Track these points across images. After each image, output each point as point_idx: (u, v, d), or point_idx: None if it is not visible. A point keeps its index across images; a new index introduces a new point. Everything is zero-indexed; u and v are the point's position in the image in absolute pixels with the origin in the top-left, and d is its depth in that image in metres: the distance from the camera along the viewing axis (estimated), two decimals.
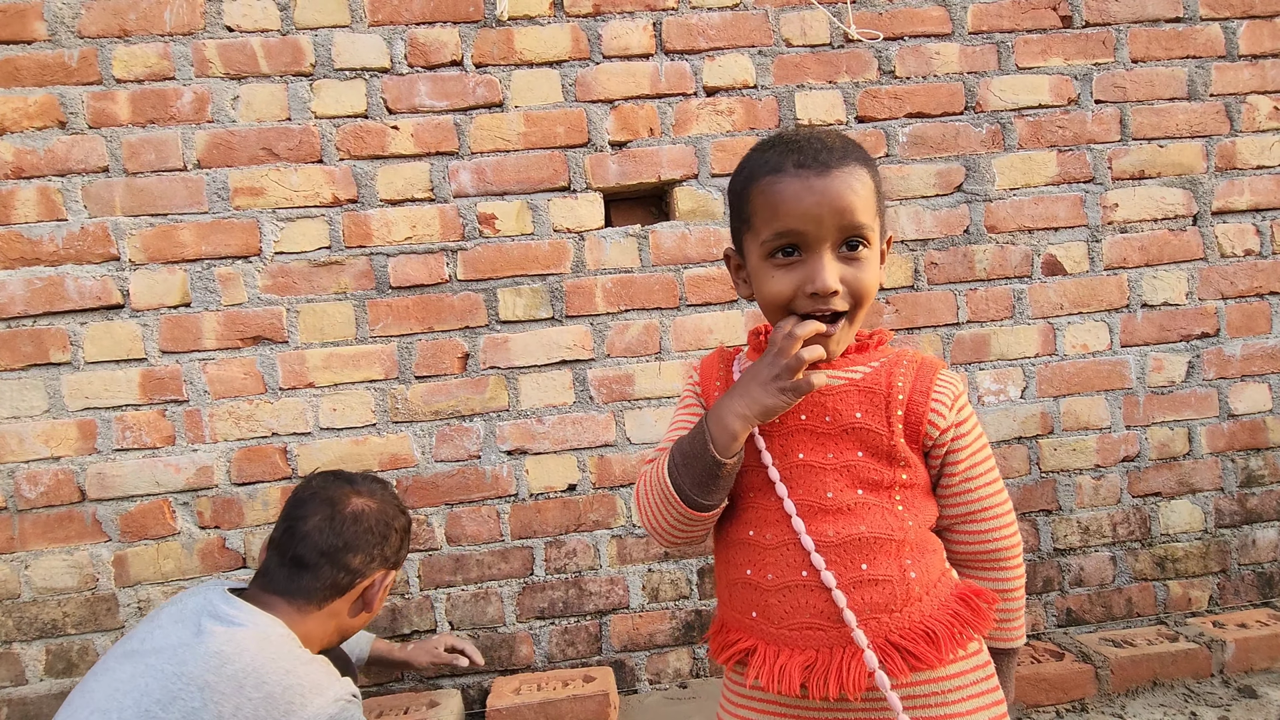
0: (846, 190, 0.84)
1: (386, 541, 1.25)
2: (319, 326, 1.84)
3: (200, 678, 1.01)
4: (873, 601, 0.83)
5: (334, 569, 1.19)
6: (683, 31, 1.91)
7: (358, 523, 1.22)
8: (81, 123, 1.78)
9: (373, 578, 1.24)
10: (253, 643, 1.06)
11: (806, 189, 0.84)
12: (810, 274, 0.85)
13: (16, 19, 1.75)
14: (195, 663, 1.02)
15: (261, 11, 1.81)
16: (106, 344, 1.79)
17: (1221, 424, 2.06)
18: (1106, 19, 2.01)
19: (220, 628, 1.07)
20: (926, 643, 0.81)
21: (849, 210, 0.84)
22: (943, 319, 1.99)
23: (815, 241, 0.85)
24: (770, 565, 0.87)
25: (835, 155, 0.86)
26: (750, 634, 0.88)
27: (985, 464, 0.96)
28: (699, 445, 0.86)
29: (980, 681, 0.86)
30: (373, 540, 1.23)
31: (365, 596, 1.24)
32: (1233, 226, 2.05)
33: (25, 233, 1.77)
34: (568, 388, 1.91)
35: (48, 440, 1.78)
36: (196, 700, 1.00)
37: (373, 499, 1.27)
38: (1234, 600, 2.06)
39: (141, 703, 1.00)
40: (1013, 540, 0.96)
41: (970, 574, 0.96)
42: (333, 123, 1.84)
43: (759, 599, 0.87)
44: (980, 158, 1.99)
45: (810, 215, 0.84)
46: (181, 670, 1.02)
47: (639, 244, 1.92)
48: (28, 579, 1.78)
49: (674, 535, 0.91)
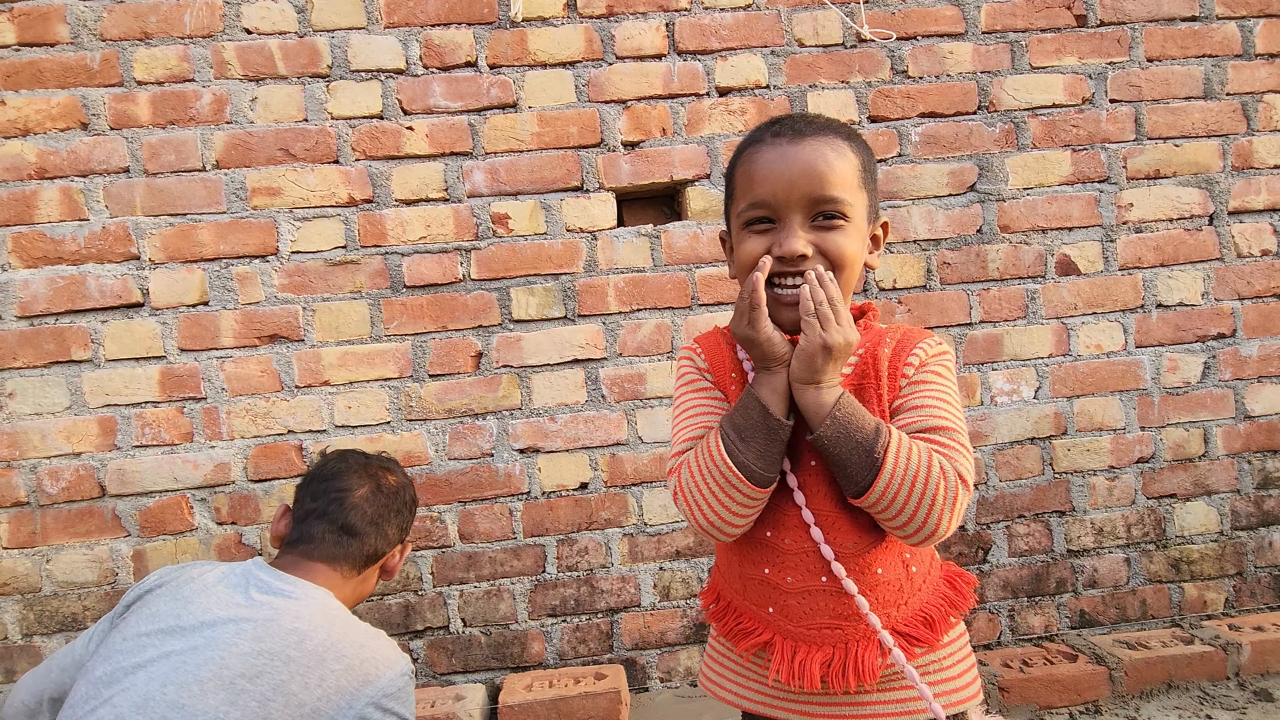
0: (817, 158, 0.84)
1: (413, 514, 1.36)
2: (334, 325, 1.86)
3: (283, 653, 1.05)
4: (884, 599, 0.90)
5: (377, 537, 1.27)
6: (695, 32, 1.92)
7: (397, 496, 1.31)
8: (103, 124, 1.81)
9: (397, 547, 1.33)
10: (322, 617, 1.11)
11: (779, 155, 0.85)
12: (779, 238, 0.86)
13: (40, 22, 1.79)
14: (273, 639, 1.05)
15: (279, 14, 1.84)
16: (126, 342, 1.82)
17: (1237, 425, 2.04)
18: (1121, 18, 2.00)
19: (279, 600, 1.10)
20: (926, 627, 0.90)
21: (819, 178, 0.84)
22: (955, 319, 1.98)
23: (785, 208, 0.85)
24: (790, 569, 0.90)
25: (813, 126, 0.87)
26: (768, 628, 0.92)
27: (937, 383, 0.90)
28: (757, 416, 0.85)
29: (963, 647, 0.95)
30: (406, 512, 1.33)
31: (388, 565, 1.32)
32: (1249, 226, 2.04)
33: (48, 232, 1.80)
34: (580, 386, 1.92)
35: (69, 437, 1.80)
36: (283, 673, 1.03)
37: (399, 476, 1.36)
38: (1250, 603, 2.05)
39: (223, 675, 1.02)
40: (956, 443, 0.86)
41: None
42: (348, 123, 1.86)
43: (778, 598, 0.91)
44: (993, 157, 1.99)
45: (781, 179, 0.84)
46: (261, 647, 1.05)
47: (651, 243, 1.93)
48: (49, 573, 1.81)
49: (735, 522, 0.88)
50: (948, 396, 0.89)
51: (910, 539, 0.85)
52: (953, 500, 0.81)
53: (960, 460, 0.84)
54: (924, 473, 0.81)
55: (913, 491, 0.81)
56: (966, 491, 0.83)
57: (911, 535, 0.84)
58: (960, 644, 0.95)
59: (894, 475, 0.81)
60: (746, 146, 0.91)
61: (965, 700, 0.92)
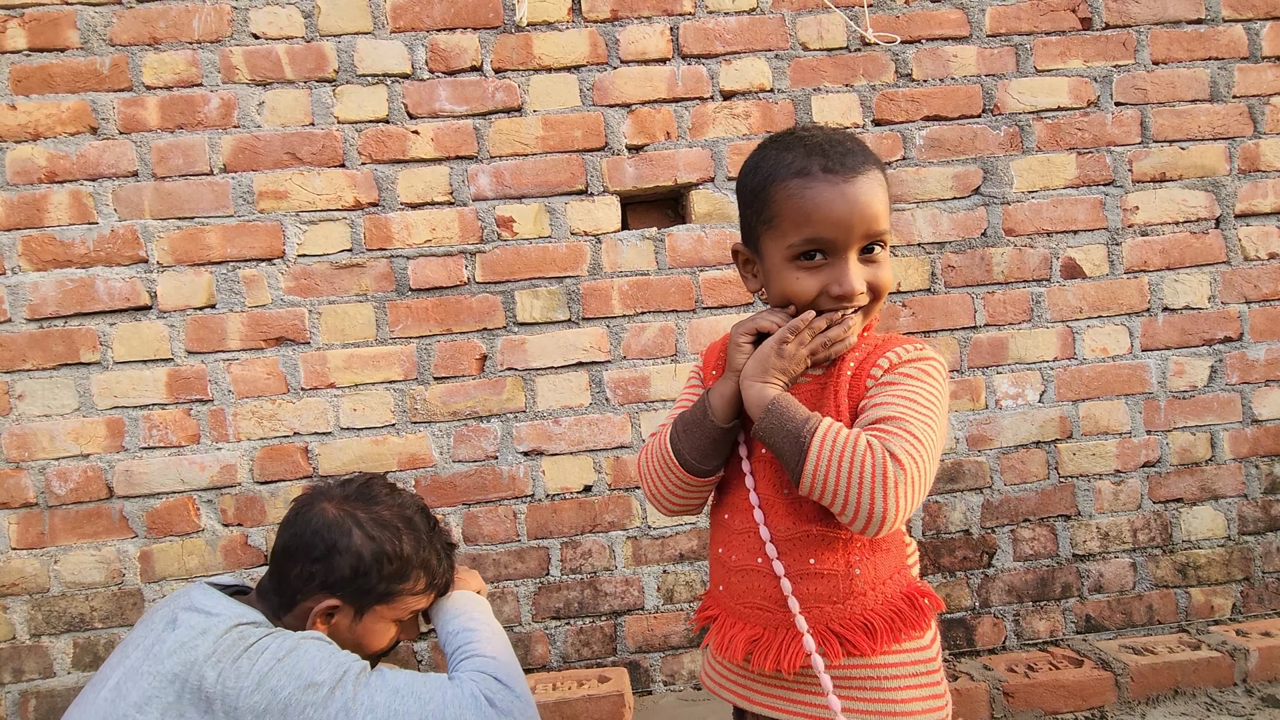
0: (873, 198, 0.88)
1: (327, 562, 1.13)
2: (340, 327, 1.87)
3: (170, 671, 1.00)
4: (816, 592, 0.89)
5: (278, 577, 1.15)
6: (700, 36, 1.93)
7: (301, 531, 1.15)
8: (112, 128, 1.82)
9: (313, 600, 1.14)
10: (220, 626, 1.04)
11: (839, 196, 0.87)
12: (837, 277, 0.90)
13: (50, 27, 1.80)
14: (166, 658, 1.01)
15: (286, 19, 1.85)
16: (135, 344, 1.83)
17: (1245, 429, 2.03)
18: (1127, 20, 2.00)
19: (195, 618, 1.05)
20: (864, 634, 0.87)
21: (875, 218, 0.88)
22: (960, 322, 1.98)
23: (843, 247, 0.89)
24: (735, 547, 0.96)
25: (858, 160, 0.89)
26: (716, 604, 1.00)
27: (904, 383, 0.87)
28: (699, 414, 0.96)
29: (920, 674, 0.90)
30: (316, 554, 1.13)
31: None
32: (1256, 229, 2.03)
33: (58, 235, 1.82)
34: (584, 389, 1.92)
35: (77, 438, 1.82)
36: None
37: (339, 499, 1.17)
38: (1258, 608, 2.03)
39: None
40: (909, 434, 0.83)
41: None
42: (355, 127, 1.87)
43: (725, 575, 0.98)
44: (998, 160, 1.98)
45: (842, 223, 0.87)
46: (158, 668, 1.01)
47: (655, 246, 1.93)
48: (56, 573, 1.82)
49: (672, 501, 1.01)
50: (911, 394, 0.86)
51: (855, 525, 0.83)
52: (882, 478, 0.79)
53: (895, 441, 0.80)
54: (849, 453, 0.80)
55: (839, 472, 0.80)
56: (900, 469, 0.79)
57: (854, 521, 0.82)
58: (914, 668, 0.89)
59: (819, 458, 0.82)
60: (788, 175, 0.89)
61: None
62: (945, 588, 1.97)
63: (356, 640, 1.17)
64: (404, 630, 1.24)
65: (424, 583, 1.20)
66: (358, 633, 1.17)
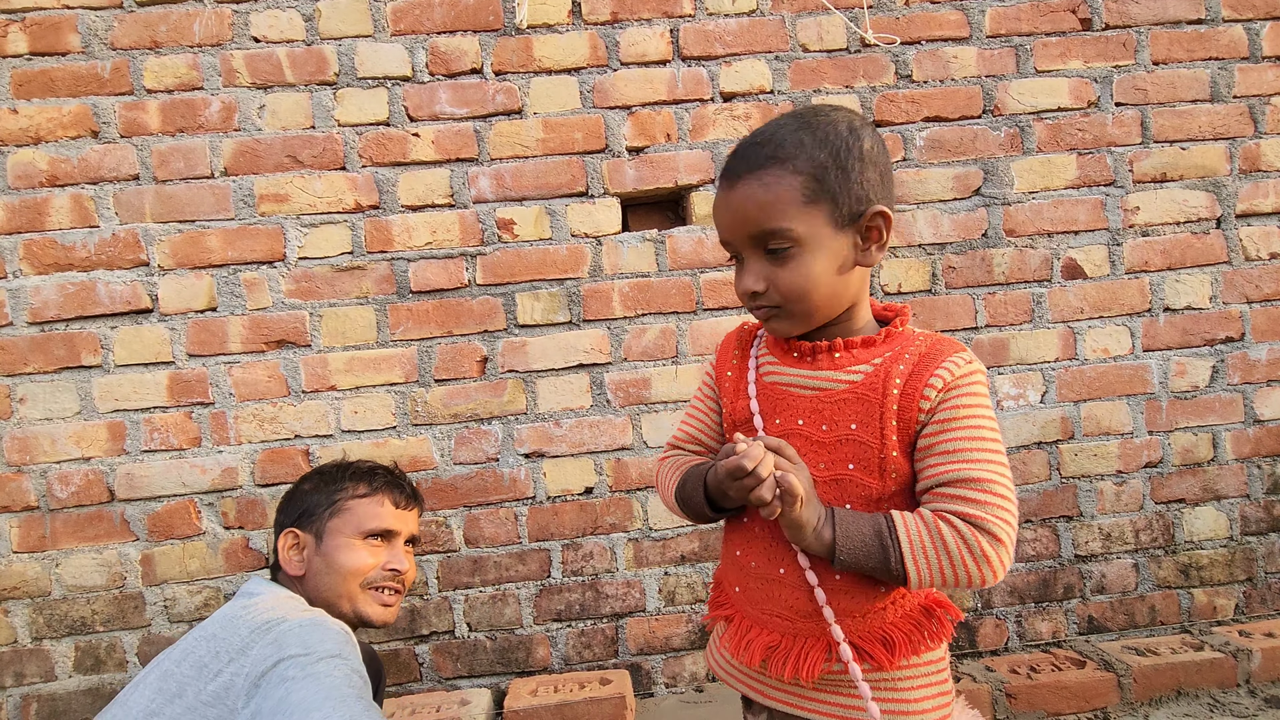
0: (747, 201, 0.85)
1: (285, 509, 1.35)
2: (341, 330, 1.87)
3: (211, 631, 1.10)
4: (840, 606, 0.88)
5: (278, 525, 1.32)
6: (700, 38, 1.93)
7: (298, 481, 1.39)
8: (113, 132, 1.83)
9: (278, 543, 1.31)
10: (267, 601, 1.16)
11: (722, 201, 0.88)
12: (737, 278, 0.90)
13: (52, 31, 1.81)
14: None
15: (287, 22, 1.85)
16: (136, 347, 1.83)
17: (1247, 429, 2.03)
18: (1127, 21, 2.00)
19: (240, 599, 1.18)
20: (883, 648, 0.87)
21: (751, 220, 0.85)
22: (961, 323, 1.98)
23: (739, 249, 0.89)
24: (755, 553, 0.94)
25: (748, 163, 0.86)
26: (732, 604, 0.98)
27: (967, 418, 0.83)
28: (699, 499, 0.96)
29: (930, 675, 0.91)
30: (278, 514, 1.35)
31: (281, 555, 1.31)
32: (1257, 229, 2.03)
33: (59, 239, 1.82)
34: (585, 391, 1.92)
35: (79, 441, 1.82)
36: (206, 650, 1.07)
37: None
38: (1261, 609, 2.03)
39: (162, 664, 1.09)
40: (1001, 498, 0.81)
41: (937, 504, 0.84)
42: (355, 130, 1.87)
43: (743, 579, 0.95)
44: (998, 161, 1.98)
45: (725, 227, 0.88)
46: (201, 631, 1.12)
47: (656, 248, 1.93)
48: (58, 577, 1.82)
49: (685, 519, 1.04)
50: (977, 434, 0.83)
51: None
52: (984, 560, 0.80)
53: (989, 514, 0.80)
54: (946, 558, 0.81)
55: (944, 573, 0.82)
56: (999, 544, 0.80)
57: (962, 590, 0.86)
58: (925, 670, 0.90)
59: (920, 573, 0.82)
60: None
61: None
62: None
63: (326, 562, 1.26)
64: (381, 555, 1.30)
65: (363, 487, 1.31)
66: (325, 552, 1.26)
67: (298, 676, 0.96)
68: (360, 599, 1.26)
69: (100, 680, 1.82)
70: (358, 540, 1.27)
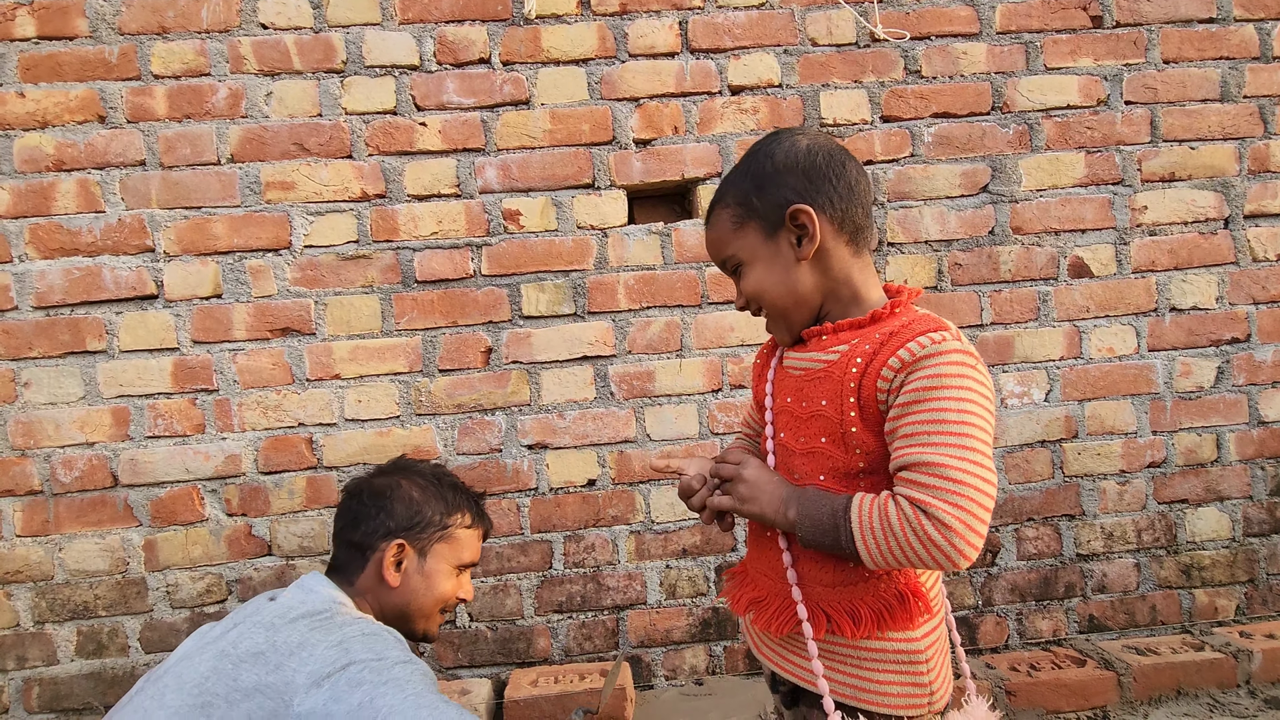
0: (715, 240, 1.02)
1: (388, 509, 1.25)
2: (346, 319, 1.87)
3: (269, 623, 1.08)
4: (810, 574, 0.94)
5: (347, 546, 1.24)
6: (708, 30, 1.92)
7: (380, 495, 1.26)
8: (120, 117, 1.82)
9: (386, 544, 1.23)
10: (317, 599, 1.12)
11: (707, 239, 1.06)
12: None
13: (59, 16, 1.80)
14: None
15: (295, 9, 1.85)
16: (141, 333, 1.83)
17: (1251, 430, 2.02)
18: (1138, 19, 1.99)
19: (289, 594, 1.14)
20: (849, 620, 0.91)
21: (717, 256, 1.03)
22: (966, 320, 1.98)
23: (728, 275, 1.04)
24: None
25: (714, 208, 1.02)
26: (743, 565, 1.09)
27: (926, 401, 0.83)
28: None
29: (903, 663, 0.91)
30: (373, 510, 1.24)
31: (382, 566, 1.23)
32: (1265, 230, 2.02)
33: (65, 224, 1.82)
34: (589, 383, 1.92)
35: (83, 426, 1.82)
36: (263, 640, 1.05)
37: (378, 474, 1.30)
38: (1262, 610, 2.03)
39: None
40: (953, 474, 0.80)
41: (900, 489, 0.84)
42: (362, 119, 1.87)
43: (751, 537, 1.06)
44: (1006, 158, 1.98)
45: (711, 258, 1.07)
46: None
47: (662, 241, 1.93)
48: (61, 561, 1.83)
49: None
50: (941, 415, 0.81)
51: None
52: (931, 544, 0.79)
53: (935, 499, 0.79)
54: (894, 540, 0.82)
55: (894, 554, 0.83)
56: (948, 530, 0.78)
57: (930, 570, 0.90)
58: (895, 657, 0.91)
59: (870, 552, 0.85)
60: None
61: (873, 704, 0.90)
62: (948, 586, 1.96)
63: (426, 584, 1.26)
64: (460, 585, 1.31)
65: (470, 518, 1.31)
66: (427, 574, 1.25)
67: (374, 681, 0.98)
68: (434, 621, 1.29)
69: (102, 665, 1.83)
70: (453, 569, 1.28)
